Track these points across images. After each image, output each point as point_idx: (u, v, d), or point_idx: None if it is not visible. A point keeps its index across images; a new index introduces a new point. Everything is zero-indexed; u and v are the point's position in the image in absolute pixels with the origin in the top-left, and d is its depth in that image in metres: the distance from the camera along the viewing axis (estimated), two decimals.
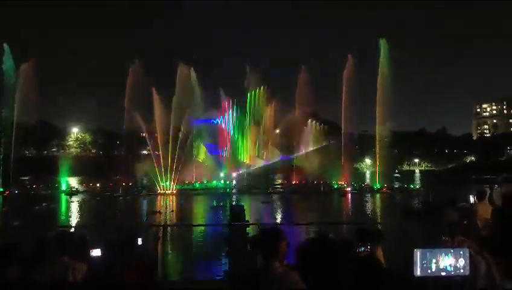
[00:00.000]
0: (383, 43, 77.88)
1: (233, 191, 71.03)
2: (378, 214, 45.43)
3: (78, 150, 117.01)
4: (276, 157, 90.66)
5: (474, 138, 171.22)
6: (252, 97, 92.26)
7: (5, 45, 76.76)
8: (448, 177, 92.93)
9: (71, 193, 69.61)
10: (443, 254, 3.15)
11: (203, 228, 30.17)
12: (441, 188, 61.04)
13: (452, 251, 3.18)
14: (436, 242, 4.78)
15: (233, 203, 49.28)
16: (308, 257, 3.36)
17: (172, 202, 59.41)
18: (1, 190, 69.97)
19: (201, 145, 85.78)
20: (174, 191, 70.89)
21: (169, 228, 28.22)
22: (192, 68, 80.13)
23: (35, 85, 74.11)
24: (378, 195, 64.18)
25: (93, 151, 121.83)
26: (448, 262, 3.15)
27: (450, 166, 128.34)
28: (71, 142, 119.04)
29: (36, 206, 49.84)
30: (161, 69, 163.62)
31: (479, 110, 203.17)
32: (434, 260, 3.14)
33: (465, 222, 7.08)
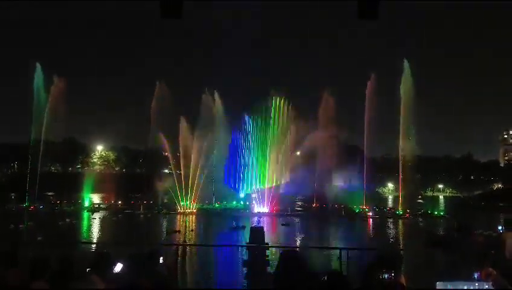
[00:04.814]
0: (406, 64, 77.61)
1: (253, 212, 70.68)
2: (401, 240, 44.34)
3: (102, 167, 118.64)
4: (296, 179, 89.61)
5: (502, 164, 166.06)
6: (276, 112, 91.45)
7: (37, 64, 79.55)
8: (474, 204, 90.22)
9: (93, 209, 70.66)
10: (465, 288, 3.10)
11: (222, 248, 30.01)
12: (467, 215, 59.32)
13: (477, 284, 3.13)
14: (460, 272, 4.66)
15: (253, 224, 48.95)
16: None
17: (192, 222, 59.52)
18: (27, 204, 71.58)
19: (222, 166, 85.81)
20: (194, 211, 71.05)
21: (188, 247, 28.26)
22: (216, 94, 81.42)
23: (65, 104, 75.95)
24: (400, 221, 62.72)
25: (117, 168, 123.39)
26: None
27: (476, 193, 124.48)
28: (95, 160, 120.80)
29: (60, 222, 50.80)
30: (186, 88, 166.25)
31: (506, 136, 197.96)
32: None
33: (492, 252, 6.88)
